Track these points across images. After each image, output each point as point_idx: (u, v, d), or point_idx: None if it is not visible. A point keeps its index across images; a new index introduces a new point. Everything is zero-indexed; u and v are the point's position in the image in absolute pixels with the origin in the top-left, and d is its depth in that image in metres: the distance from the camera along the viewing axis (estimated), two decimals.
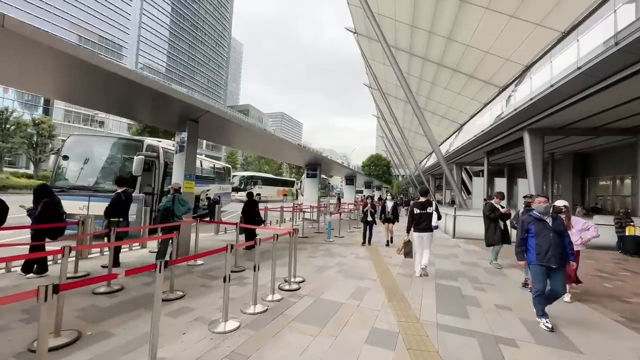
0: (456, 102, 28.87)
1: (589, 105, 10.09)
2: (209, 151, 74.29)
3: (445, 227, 10.94)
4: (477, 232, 9.43)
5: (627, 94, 9.22)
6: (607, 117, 11.39)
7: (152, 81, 4.11)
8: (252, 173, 31.15)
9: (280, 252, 4.48)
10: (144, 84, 3.89)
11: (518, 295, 4.05)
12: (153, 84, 4.04)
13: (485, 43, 18.29)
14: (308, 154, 11.34)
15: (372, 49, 32.29)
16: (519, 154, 20.66)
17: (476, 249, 7.75)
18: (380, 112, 46.28)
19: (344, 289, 4.07)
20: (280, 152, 11.08)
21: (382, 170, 45.75)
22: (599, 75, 8.61)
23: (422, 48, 24.59)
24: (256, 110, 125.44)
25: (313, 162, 11.95)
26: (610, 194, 17.71)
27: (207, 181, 13.05)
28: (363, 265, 5.50)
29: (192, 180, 5.56)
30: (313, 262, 5.56)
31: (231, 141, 8.41)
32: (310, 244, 7.55)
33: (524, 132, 13.47)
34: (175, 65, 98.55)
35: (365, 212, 7.80)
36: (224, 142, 9.25)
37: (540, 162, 13.31)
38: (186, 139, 5.42)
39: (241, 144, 9.18)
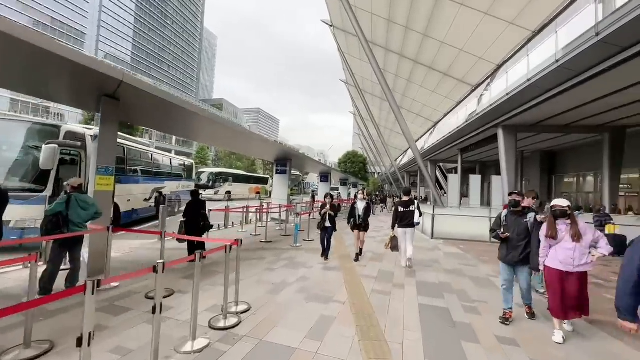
0: (431, 100, 29.13)
1: (561, 102, 10.06)
2: (179, 147, 70.36)
3: (423, 227, 10.32)
4: (457, 232, 8.99)
5: (597, 91, 9.18)
6: (577, 115, 11.49)
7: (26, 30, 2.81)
8: (221, 169, 29.05)
9: (225, 268, 3.40)
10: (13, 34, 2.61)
11: (519, 316, 3.28)
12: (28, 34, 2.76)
13: (460, 40, 18.33)
14: (276, 147, 10.21)
15: (348, 43, 31.58)
16: (490, 151, 20.98)
17: (457, 252, 7.11)
18: (357, 109, 45.93)
19: (302, 320, 3.06)
20: (244, 144, 9.83)
21: (359, 167, 45.45)
22: (577, 68, 8.32)
23: (398, 44, 24.32)
24: (231, 105, 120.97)
25: (283, 156, 10.85)
26: (574, 191, 18.33)
27: (161, 177, 11.47)
28: (331, 279, 4.52)
29: (108, 175, 4.24)
30: (269, 277, 4.50)
31: (179, 129, 7.06)
32: (273, 250, 6.46)
33: (498, 128, 13.35)
34: (142, 55, 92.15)
35: (323, 216, 5.94)
36: (169, 129, 7.89)
37: (514, 159, 13.23)
38: (101, 121, 4.10)
39: (194, 133, 7.85)
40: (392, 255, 6.50)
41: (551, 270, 2.90)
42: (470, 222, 9.01)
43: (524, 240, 3.21)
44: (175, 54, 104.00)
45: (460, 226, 8.88)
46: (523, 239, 3.22)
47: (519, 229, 3.25)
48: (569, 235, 2.82)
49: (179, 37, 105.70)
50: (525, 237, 3.22)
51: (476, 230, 8.78)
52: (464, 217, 9.17)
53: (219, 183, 23.92)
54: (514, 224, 3.29)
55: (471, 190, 14.07)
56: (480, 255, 6.73)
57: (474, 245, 8.01)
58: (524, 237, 3.22)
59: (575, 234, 2.77)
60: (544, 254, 2.99)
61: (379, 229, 10.98)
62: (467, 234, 8.84)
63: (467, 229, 8.85)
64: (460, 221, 9.05)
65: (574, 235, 2.78)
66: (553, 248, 2.93)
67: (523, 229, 3.24)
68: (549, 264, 2.93)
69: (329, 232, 5.90)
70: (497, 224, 3.46)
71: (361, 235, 6.00)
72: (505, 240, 3.28)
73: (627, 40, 6.98)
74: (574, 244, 2.78)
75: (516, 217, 3.31)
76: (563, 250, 2.82)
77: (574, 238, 2.76)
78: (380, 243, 7.94)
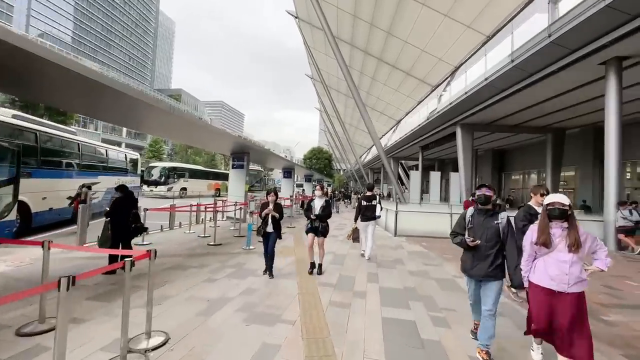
0: (394, 98, 29.74)
1: (512, 103, 10.60)
2: (131, 139, 64.26)
3: (385, 224, 10.12)
4: (420, 229, 8.89)
5: (542, 94, 9.84)
6: (525, 116, 12.22)
7: None
8: (176, 164, 26.51)
9: (125, 288, 2.52)
10: None
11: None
12: None
13: (422, 41, 18.78)
14: (231, 139, 9.21)
15: (314, 37, 30.94)
16: (448, 149, 21.90)
17: (421, 250, 6.90)
18: (322, 105, 45.62)
19: (236, 354, 2.36)
20: (193, 134, 8.69)
21: (324, 164, 45.22)
22: (529, 69, 8.65)
23: (363, 40, 24.30)
24: (190, 97, 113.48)
25: (239, 150, 9.85)
26: (520, 187, 19.81)
27: (92, 171, 9.79)
28: (283, 289, 3.86)
29: None
30: (206, 291, 3.69)
31: (101, 111, 5.81)
32: (220, 255, 5.59)
33: (457, 127, 13.73)
34: (86, 35, 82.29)
35: (265, 218, 4.57)
36: (92, 112, 6.55)
37: (470, 156, 13.73)
38: None
39: (126, 118, 6.59)
40: (355, 255, 6.05)
41: (538, 289, 2.20)
42: (432, 218, 9.02)
43: (494, 248, 2.50)
44: (127, 37, 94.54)
45: (422, 223, 8.83)
46: (493, 246, 2.50)
47: (488, 234, 2.51)
48: (564, 244, 2.11)
49: (130, 19, 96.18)
50: (496, 244, 2.50)
51: (438, 227, 8.81)
52: (426, 214, 9.12)
53: (173, 179, 21.74)
54: (481, 227, 2.55)
55: (431, 187, 14.33)
56: (443, 253, 6.58)
57: (437, 243, 7.92)
58: (495, 244, 2.50)
59: (574, 243, 2.06)
60: (528, 267, 2.31)
61: (342, 226, 10.59)
62: (429, 231, 8.82)
63: (430, 226, 8.86)
64: (422, 218, 9.00)
65: (572, 243, 2.07)
66: (541, 259, 2.23)
67: (493, 232, 2.51)
68: (536, 281, 2.22)
69: (272, 239, 4.49)
70: (460, 226, 2.71)
71: (319, 242, 4.65)
72: (471, 248, 2.54)
73: (575, 42, 7.29)
74: (570, 255, 2.08)
75: (485, 218, 2.57)
76: (556, 263, 2.12)
77: (572, 247, 2.06)
78: (343, 242, 7.47)
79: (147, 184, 20.47)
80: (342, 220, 12.48)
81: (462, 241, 2.59)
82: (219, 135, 8.81)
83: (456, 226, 2.78)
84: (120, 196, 4.50)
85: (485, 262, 2.49)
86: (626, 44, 6.74)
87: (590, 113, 11.32)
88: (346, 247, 6.88)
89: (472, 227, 2.60)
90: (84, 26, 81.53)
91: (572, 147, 13.70)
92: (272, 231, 4.52)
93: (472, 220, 2.64)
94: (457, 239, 2.66)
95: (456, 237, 2.69)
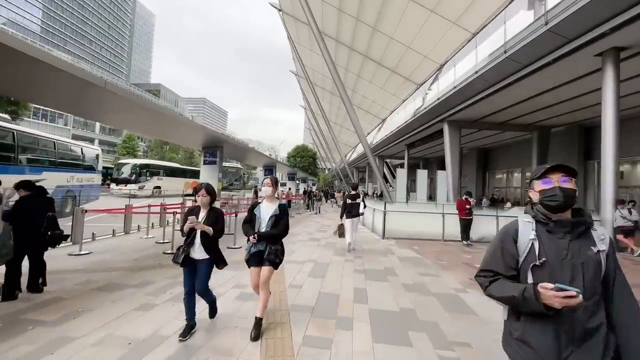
0: (379, 97, 29.38)
1: (502, 98, 10.16)
2: (105, 135, 60.67)
3: (373, 225, 9.35)
4: (409, 231, 8.19)
5: (529, 90, 9.52)
6: (512, 113, 11.95)
7: None
8: (149, 161, 24.69)
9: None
10: None
11: None
12: None
13: (407, 37, 18.44)
14: (202, 132, 8.12)
15: (298, 31, 30.00)
16: (433, 148, 21.59)
17: (413, 256, 6.15)
18: (307, 102, 44.75)
19: None
20: (156, 125, 7.56)
21: (308, 162, 44.24)
22: (523, 60, 8.18)
23: (348, 36, 23.69)
24: (170, 92, 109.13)
25: (211, 143, 8.77)
26: (504, 186, 19.75)
27: (36, 166, 8.38)
28: (241, 318, 2.92)
29: None
30: (134, 325, 2.70)
31: (49, 98, 4.67)
32: (175, 268, 4.54)
33: (444, 123, 13.28)
34: (56, 25, 77.17)
35: (189, 234, 2.65)
36: (36, 98, 5.34)
37: (458, 153, 13.28)
38: None
39: (78, 105, 5.43)
40: (339, 263, 5.20)
41: None
42: (423, 219, 8.43)
43: (598, 308, 1.12)
44: (101, 28, 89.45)
45: (412, 224, 8.23)
46: (597, 304, 1.12)
47: (586, 275, 1.11)
48: None
49: (105, 9, 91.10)
50: (601, 298, 1.14)
51: (429, 228, 8.29)
52: (416, 214, 8.49)
53: (145, 177, 20.04)
54: (568, 262, 1.13)
55: (418, 186, 13.76)
56: (438, 259, 5.89)
57: (429, 246, 7.31)
58: (600, 299, 1.13)
59: None
60: None
61: (325, 228, 9.74)
62: (420, 232, 8.26)
63: (420, 227, 8.27)
64: (412, 218, 8.40)
65: None
66: None
67: (594, 272, 1.12)
68: None
69: (203, 272, 2.69)
70: (504, 259, 1.23)
71: (261, 277, 2.74)
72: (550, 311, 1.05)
73: (573, 31, 6.81)
74: None
75: (572, 241, 1.16)
76: None
77: None
78: (326, 247, 6.62)
79: (116, 183, 18.76)
80: (325, 221, 11.62)
81: (525, 297, 1.08)
82: (186, 126, 7.70)
83: (492, 259, 1.27)
84: (27, 195, 3.39)
85: (589, 348, 1.09)
86: (625, 32, 6.30)
87: (576, 111, 11.17)
88: (329, 253, 6.02)
89: (545, 262, 1.15)
90: (54, 15, 76.47)
91: (556, 146, 13.58)
92: (201, 258, 2.66)
93: (540, 245, 1.17)
94: (501, 289, 1.18)
95: (497, 283, 1.21)
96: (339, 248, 6.43)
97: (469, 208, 7.49)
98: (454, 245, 7.48)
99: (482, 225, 8.06)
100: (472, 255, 6.47)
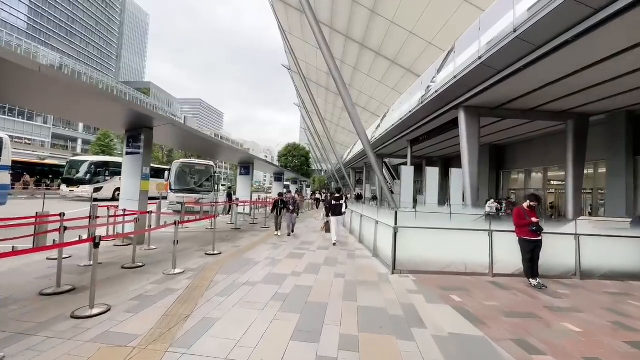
0: (377, 92, 27.41)
1: (530, 78, 7.93)
2: (89, 135, 57.80)
3: (375, 245, 6.44)
4: (436, 259, 4.99)
5: (570, 63, 7.05)
6: (542, 97, 9.61)
7: None
8: (109, 158, 20.99)
9: None
10: None
11: None
12: None
13: (410, 20, 16.30)
14: (117, 106, 5.45)
15: (289, 19, 27.70)
16: (437, 145, 19.24)
17: (463, 330, 3.04)
18: (301, 99, 42.45)
19: None
20: (43, 94, 4.97)
21: (301, 162, 41.54)
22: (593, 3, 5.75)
23: (344, 22, 21.56)
24: (163, 92, 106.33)
25: (135, 123, 6.05)
26: (521, 187, 17.31)
27: None
28: None
29: None
30: None
31: None
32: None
33: (459, 110, 10.85)
34: (42, 21, 74.76)
35: None
36: None
37: (476, 147, 10.80)
38: None
39: None
40: None
41: None
42: (454, 238, 5.22)
43: None
44: (88, 24, 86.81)
45: (438, 246, 5.16)
46: None
47: None
48: None
49: (93, 4, 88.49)
50: None
51: (464, 253, 5.16)
52: (444, 233, 5.23)
53: (104, 177, 17.10)
54: None
55: (428, 187, 11.24)
56: (518, 334, 2.98)
57: (474, 290, 4.27)
58: None
59: None
60: None
61: (307, 245, 7.17)
62: (451, 261, 5.10)
63: (450, 251, 5.15)
64: (437, 238, 5.22)
65: None
66: None
67: None
68: None
69: None
70: None
71: None
72: None
73: None
74: None
75: None
76: None
77: None
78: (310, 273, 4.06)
79: (67, 183, 15.91)
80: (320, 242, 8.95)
81: None
82: (88, 93, 5.04)
83: None
84: None
85: None
86: None
87: (623, 93, 8.71)
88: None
89: None
90: (41, 12, 73.95)
91: (596, 139, 11.18)
92: None
93: None
94: None
95: None
96: None
97: (536, 223, 4.52)
98: (516, 286, 4.55)
99: (553, 247, 4.93)
100: (572, 317, 3.47)
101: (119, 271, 4.43)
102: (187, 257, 5.27)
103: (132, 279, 4.08)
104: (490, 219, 7.18)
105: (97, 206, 5.57)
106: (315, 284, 4.26)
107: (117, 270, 4.45)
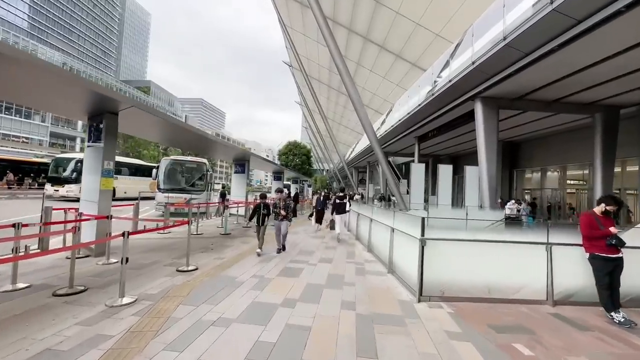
0: (381, 88, 26.39)
1: (560, 62, 6.92)
2: (83, 133, 57.06)
3: (390, 260, 5.18)
4: (472, 281, 3.77)
5: (618, 40, 6.01)
6: (570, 86, 8.53)
7: None
8: None
9: None
10: None
11: None
12: None
13: (417, 11, 15.27)
14: (75, 85, 4.43)
15: (290, 12, 26.69)
16: (445, 143, 18.18)
17: None
18: (302, 97, 41.42)
19: None
20: None
21: (302, 160, 40.39)
22: None
23: (347, 14, 20.59)
24: (163, 91, 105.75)
25: (95, 109, 4.98)
26: (536, 187, 16.20)
27: None
28: None
29: None
30: None
31: None
32: None
33: (475, 102, 9.80)
34: (43, 20, 74.53)
35: None
36: None
37: (495, 143, 9.74)
38: None
39: None
40: None
41: None
42: (499, 251, 3.92)
43: None
44: (89, 22, 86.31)
45: (476, 262, 3.88)
46: None
47: None
48: None
49: (95, 4, 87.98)
50: None
51: (511, 273, 3.90)
52: (482, 245, 3.97)
53: None
54: None
55: (440, 186, 10.19)
56: None
57: (542, 331, 3.11)
58: None
59: None
60: None
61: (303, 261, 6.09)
62: (492, 283, 3.82)
63: (493, 268, 3.86)
64: (473, 250, 3.93)
65: None
66: None
67: None
68: None
69: None
70: None
71: None
72: None
73: None
74: None
75: None
76: None
77: None
78: None
79: (53, 182, 14.84)
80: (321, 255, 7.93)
81: None
82: (43, 71, 4.04)
83: None
84: None
85: None
86: None
87: None
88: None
89: None
90: (41, 10, 73.65)
91: (626, 136, 10.15)
92: None
93: None
94: None
95: None
96: None
97: (616, 235, 3.33)
98: (594, 323, 3.38)
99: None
100: None
101: (45, 300, 3.27)
102: (150, 276, 4.16)
103: (51, 316, 2.90)
104: (516, 223, 6.09)
105: (52, 208, 4.57)
106: (316, 321, 3.11)
107: (43, 299, 3.29)
